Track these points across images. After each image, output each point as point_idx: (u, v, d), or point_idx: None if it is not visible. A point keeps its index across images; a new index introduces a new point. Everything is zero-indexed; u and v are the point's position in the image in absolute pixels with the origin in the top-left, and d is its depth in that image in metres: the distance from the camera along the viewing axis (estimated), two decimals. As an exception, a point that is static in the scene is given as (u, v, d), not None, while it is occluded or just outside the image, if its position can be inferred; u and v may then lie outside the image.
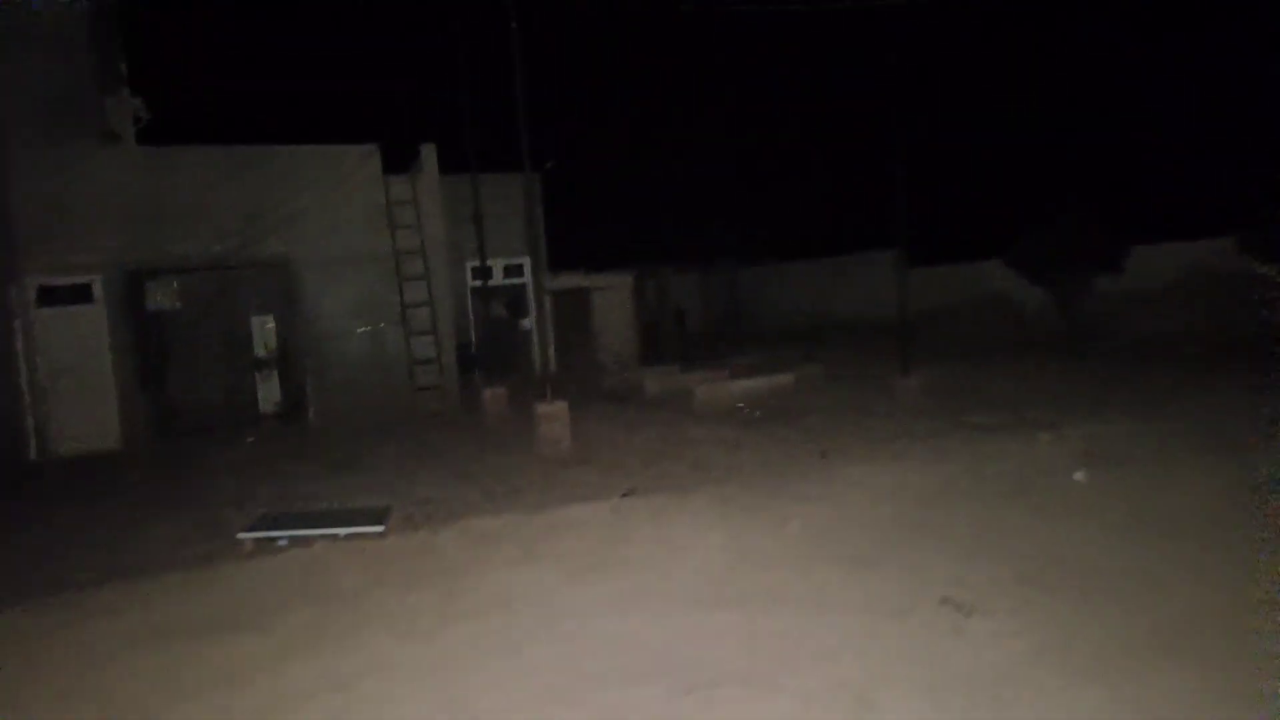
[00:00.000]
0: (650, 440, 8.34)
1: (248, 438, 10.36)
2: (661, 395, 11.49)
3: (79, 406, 10.01)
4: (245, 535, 5.49)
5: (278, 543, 5.44)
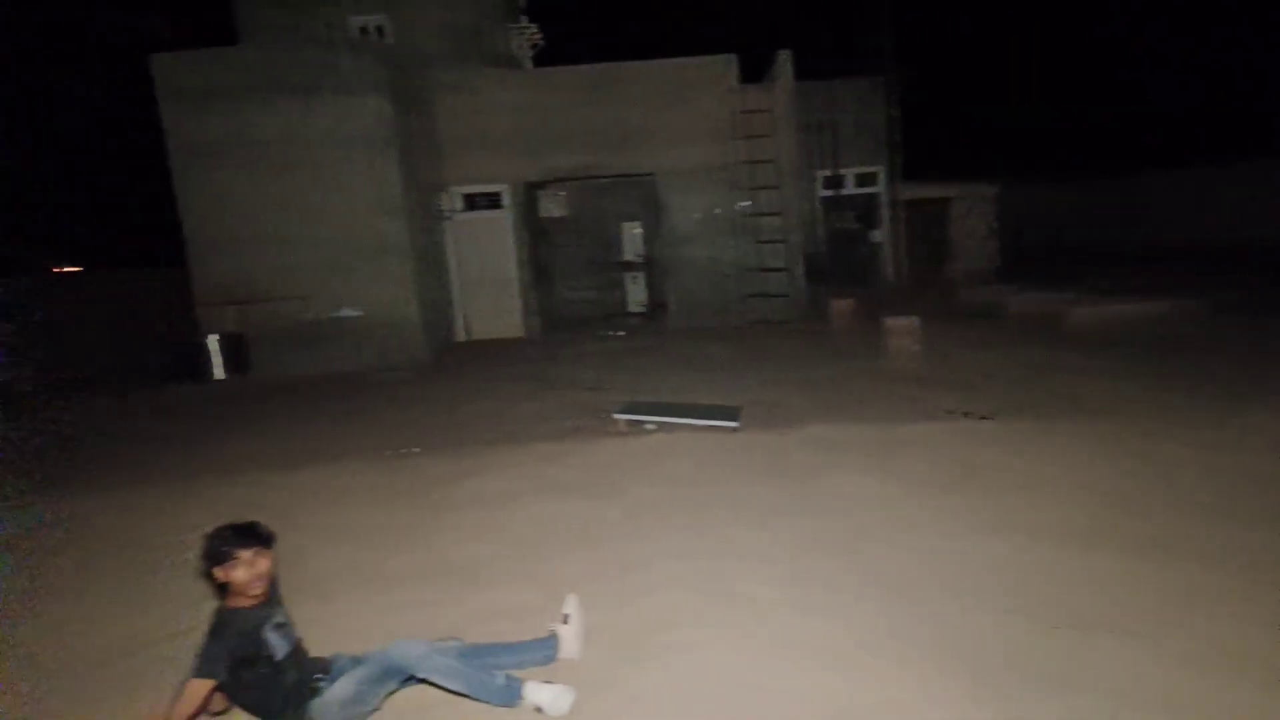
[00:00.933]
0: (1009, 363, 7.63)
1: (618, 332, 11.66)
2: (1025, 315, 10.37)
3: (490, 300, 12.10)
4: (619, 416, 6.26)
5: (645, 426, 6.13)
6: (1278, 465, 4.38)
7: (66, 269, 21.50)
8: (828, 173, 14.31)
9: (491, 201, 11.99)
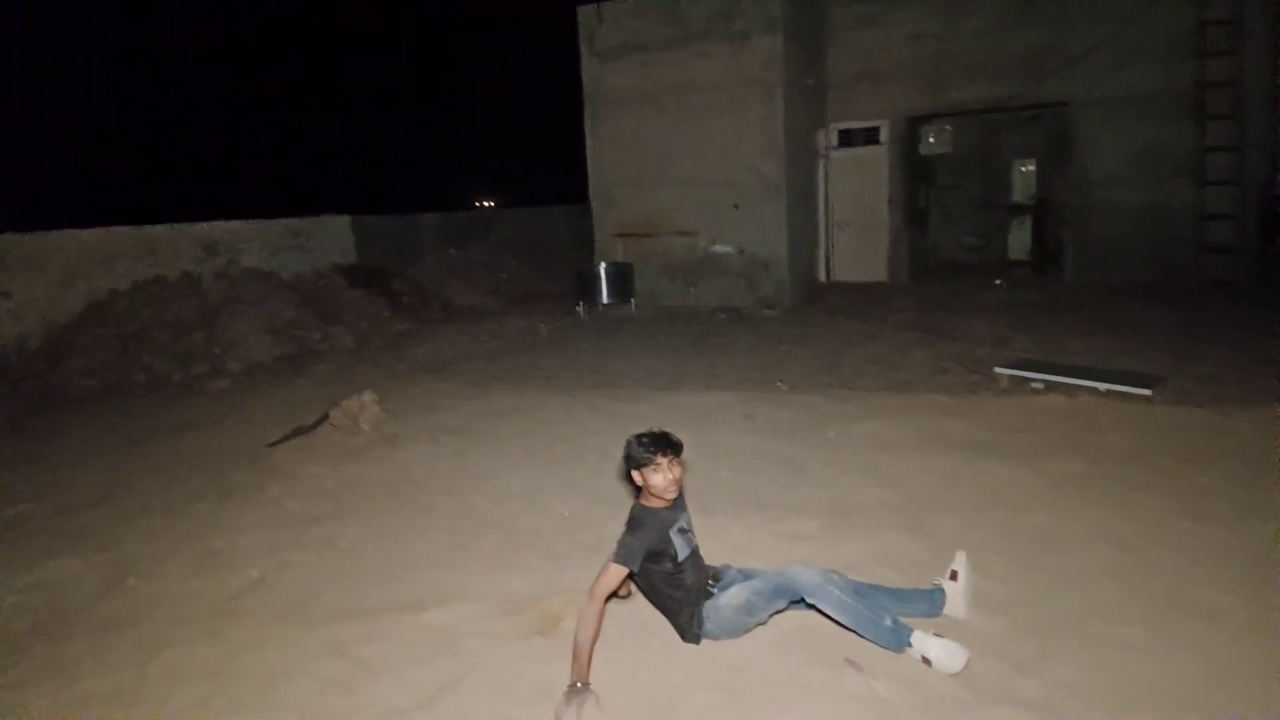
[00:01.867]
0: None
1: (997, 282, 10.56)
2: None
3: (857, 241, 11.73)
4: (1003, 371, 5.70)
5: (1032, 384, 5.50)
6: None
7: (486, 203, 25.76)
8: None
9: (869, 137, 11.49)
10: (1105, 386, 5.20)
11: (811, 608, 2.68)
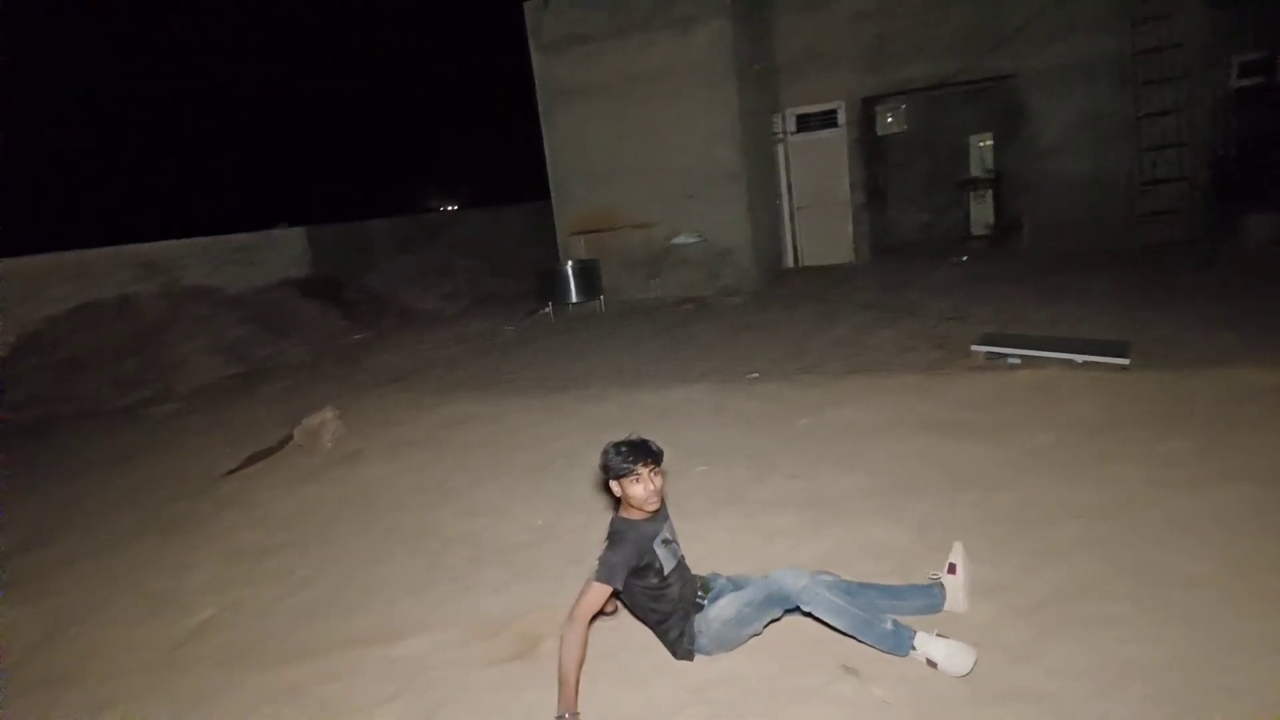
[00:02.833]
0: None
1: (959, 256, 10.59)
2: None
3: (820, 224, 11.68)
4: (977, 348, 5.65)
5: (1008, 360, 5.47)
6: None
7: (447, 207, 25.36)
8: (1248, 58, 11.29)
9: (825, 120, 11.43)
10: (1082, 358, 5.18)
11: (808, 615, 2.55)
